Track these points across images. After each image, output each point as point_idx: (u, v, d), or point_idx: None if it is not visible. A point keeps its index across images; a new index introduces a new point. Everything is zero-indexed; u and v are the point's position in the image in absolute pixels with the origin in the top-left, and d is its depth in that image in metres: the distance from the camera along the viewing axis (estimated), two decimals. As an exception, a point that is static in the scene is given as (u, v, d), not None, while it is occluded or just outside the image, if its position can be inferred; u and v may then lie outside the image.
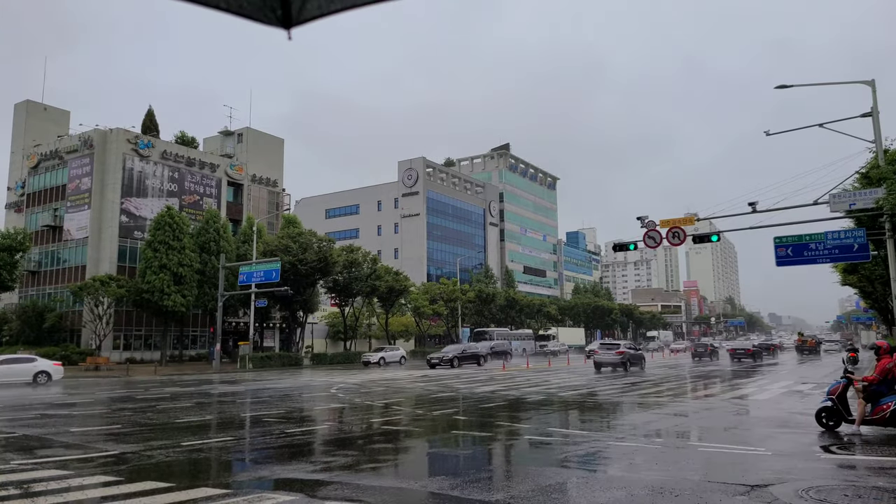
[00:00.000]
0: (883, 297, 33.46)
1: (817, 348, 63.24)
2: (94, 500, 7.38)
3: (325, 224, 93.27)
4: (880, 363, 11.96)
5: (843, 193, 22.49)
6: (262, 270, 41.35)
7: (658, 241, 25.07)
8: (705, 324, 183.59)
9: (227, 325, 54.04)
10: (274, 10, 1.21)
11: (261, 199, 63.89)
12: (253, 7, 1.20)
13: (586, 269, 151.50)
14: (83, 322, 48.48)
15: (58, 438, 11.96)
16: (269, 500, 7.28)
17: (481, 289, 75.78)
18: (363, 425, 14.49)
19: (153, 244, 45.61)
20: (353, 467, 9.20)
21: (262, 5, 1.20)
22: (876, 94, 23.21)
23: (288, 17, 1.22)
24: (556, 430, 13.17)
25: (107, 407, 17.52)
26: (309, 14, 1.23)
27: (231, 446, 11.25)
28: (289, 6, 1.21)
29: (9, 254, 40.47)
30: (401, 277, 58.69)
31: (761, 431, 12.69)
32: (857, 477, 8.44)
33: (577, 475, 8.69)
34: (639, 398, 20.09)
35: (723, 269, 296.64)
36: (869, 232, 23.21)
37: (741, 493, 7.35)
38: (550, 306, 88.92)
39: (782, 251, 24.28)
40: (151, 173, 54.09)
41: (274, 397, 20.90)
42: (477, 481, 8.17)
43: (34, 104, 61.00)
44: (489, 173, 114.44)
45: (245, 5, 1.20)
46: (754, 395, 21.26)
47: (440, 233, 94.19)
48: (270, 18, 1.22)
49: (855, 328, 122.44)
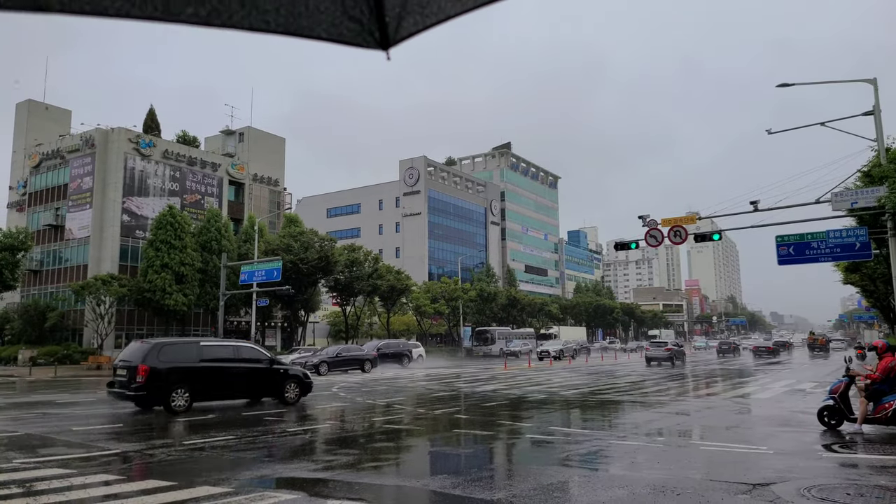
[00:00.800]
0: (885, 295, 33.39)
1: (827, 346, 67.53)
2: (97, 498, 7.39)
3: (326, 223, 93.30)
4: (883, 361, 11.94)
5: (845, 192, 22.44)
6: (264, 269, 41.30)
7: (660, 240, 25.06)
8: (707, 323, 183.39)
9: (229, 324, 54.05)
10: (372, 33, 1.25)
11: (262, 198, 63.90)
12: (352, 34, 1.25)
13: (588, 268, 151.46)
14: (85, 321, 48.53)
15: (60, 437, 11.97)
16: (271, 498, 7.28)
17: (483, 288, 75.75)
18: (365, 424, 14.50)
19: (155, 243, 45.63)
20: (354, 466, 9.20)
21: (361, 30, 1.25)
22: (878, 93, 23.15)
23: (385, 39, 1.26)
24: (558, 429, 13.17)
25: (108, 406, 17.53)
26: (406, 32, 1.27)
27: (232, 445, 11.25)
28: (385, 27, 1.25)
29: (11, 253, 40.52)
30: (402, 276, 58.71)
31: (763, 430, 12.68)
32: (860, 476, 8.43)
33: (578, 474, 8.68)
34: (640, 396, 20.08)
35: (724, 267, 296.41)
36: (871, 231, 23.16)
37: (743, 492, 7.34)
38: (552, 305, 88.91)
39: (784, 250, 24.24)
40: (153, 172, 54.11)
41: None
42: (479, 480, 8.16)
43: (36, 103, 61.05)
44: (490, 172, 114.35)
45: (345, 32, 1.24)
46: (756, 393, 21.25)
47: (441, 232, 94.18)
48: (369, 42, 1.26)
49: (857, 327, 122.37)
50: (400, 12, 1.25)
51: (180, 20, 1.11)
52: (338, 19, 1.23)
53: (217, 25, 1.16)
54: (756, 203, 23.21)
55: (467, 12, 1.25)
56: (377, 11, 1.25)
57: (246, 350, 18.15)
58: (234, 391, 17.43)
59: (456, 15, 1.25)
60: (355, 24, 1.24)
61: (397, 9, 1.25)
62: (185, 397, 15.86)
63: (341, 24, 1.24)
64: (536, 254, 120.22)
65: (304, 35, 1.23)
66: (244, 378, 17.31)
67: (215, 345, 17.61)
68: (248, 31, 1.18)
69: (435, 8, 1.24)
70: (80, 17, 1.08)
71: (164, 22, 1.11)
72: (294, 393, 17.99)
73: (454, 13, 1.25)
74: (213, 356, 16.77)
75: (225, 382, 16.89)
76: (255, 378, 17.49)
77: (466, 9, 1.24)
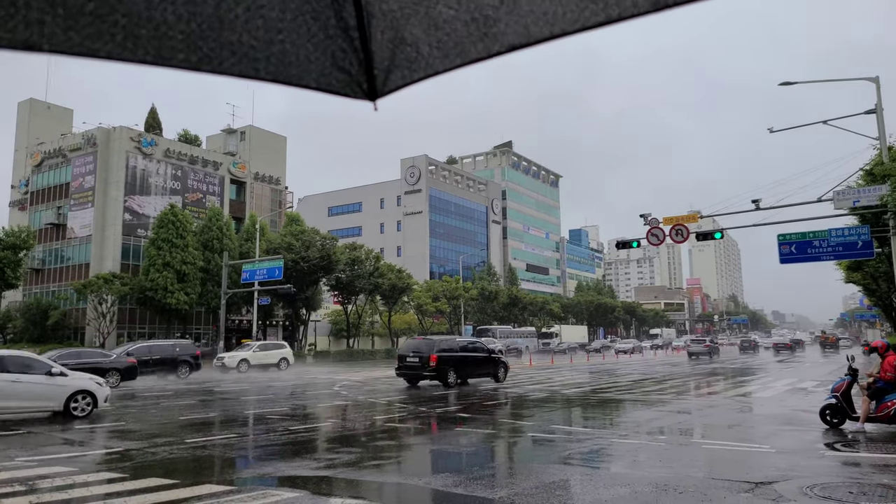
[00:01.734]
0: (887, 294, 33.37)
1: (837, 343, 73.48)
2: (99, 496, 7.39)
3: (327, 222, 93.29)
4: (886, 360, 11.93)
5: (847, 190, 22.41)
6: (265, 268, 41.37)
7: (661, 239, 25.05)
8: (708, 321, 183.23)
9: (231, 322, 54.12)
10: (360, 84, 1.28)
11: (263, 196, 63.92)
12: (341, 84, 1.28)
13: (589, 267, 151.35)
14: (87, 320, 48.60)
15: (62, 435, 11.99)
16: (274, 496, 7.28)
17: (484, 286, 75.73)
18: (366, 422, 14.51)
19: (156, 242, 45.67)
20: (356, 464, 9.21)
21: (350, 81, 1.28)
22: (880, 91, 23.12)
23: (373, 90, 1.29)
24: (559, 428, 13.17)
25: (110, 404, 17.55)
26: (393, 84, 1.29)
27: (235, 443, 11.27)
28: (374, 80, 1.28)
29: (13, 252, 40.56)
30: (403, 275, 58.69)
31: (765, 428, 12.67)
32: (862, 474, 8.42)
33: (580, 472, 8.68)
34: (641, 395, 20.08)
35: (726, 266, 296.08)
36: (873, 229, 23.14)
37: (745, 491, 7.34)
38: (553, 304, 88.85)
39: (786, 248, 24.23)
40: (154, 171, 54.15)
41: (277, 395, 20.94)
42: (480, 478, 8.16)
43: (37, 102, 61.10)
44: (492, 171, 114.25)
45: (334, 83, 1.27)
46: (758, 392, 21.23)
47: (443, 230, 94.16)
48: (357, 92, 1.29)
49: (859, 326, 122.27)
50: (388, 66, 1.27)
51: (171, 65, 1.12)
52: (327, 70, 1.26)
53: (207, 71, 1.17)
54: (758, 202, 23.19)
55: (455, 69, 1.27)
56: (366, 64, 1.28)
57: (478, 344, 26.13)
58: (475, 372, 24.49)
59: (444, 71, 1.28)
60: (344, 74, 1.27)
61: (386, 62, 1.27)
62: (454, 376, 23.02)
63: (330, 74, 1.26)
64: (538, 252, 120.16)
65: (293, 84, 1.25)
66: (479, 363, 24.64)
67: (464, 340, 26.54)
68: (238, 77, 1.20)
69: (423, 64, 1.26)
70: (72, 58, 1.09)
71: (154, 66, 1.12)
72: (503, 373, 25.10)
73: (442, 69, 1.27)
74: (462, 347, 24.62)
75: (469, 365, 24.08)
76: (485, 362, 24.82)
77: (454, 66, 1.26)
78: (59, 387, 14.21)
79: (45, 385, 13.99)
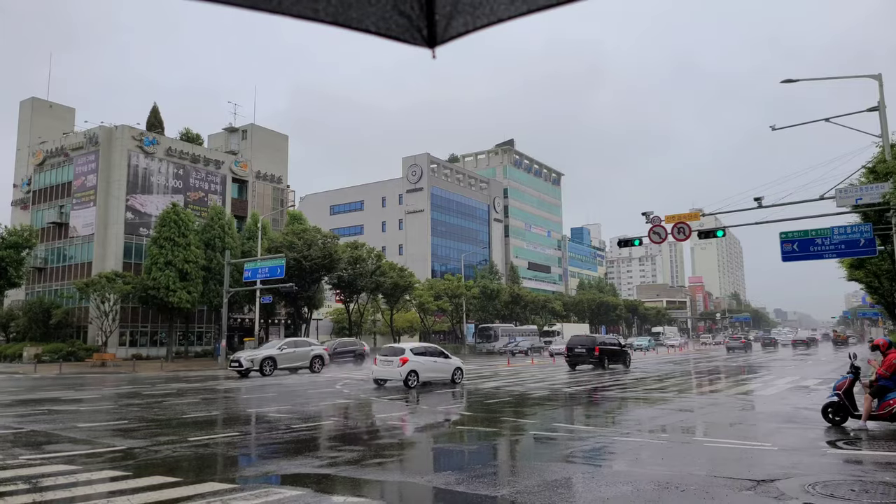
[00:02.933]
0: (890, 292, 33.29)
1: (847, 341, 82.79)
2: (102, 494, 7.41)
3: (329, 220, 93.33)
4: (887, 358, 11.92)
5: (850, 188, 22.36)
6: (267, 267, 41.39)
7: (663, 237, 25.04)
8: (711, 319, 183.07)
9: (233, 321, 54.18)
10: (420, 30, 1.25)
11: (265, 195, 63.94)
12: (400, 29, 1.24)
13: (591, 265, 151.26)
14: (89, 319, 48.67)
15: (65, 434, 12.02)
16: (276, 494, 7.30)
17: (486, 285, 75.70)
18: (368, 421, 14.53)
19: (158, 241, 45.71)
20: (358, 462, 9.22)
21: (409, 26, 1.24)
22: (883, 89, 23.06)
23: (433, 37, 1.26)
24: (561, 426, 13.18)
25: (114, 403, 17.60)
26: (455, 31, 1.26)
27: (237, 441, 11.29)
28: (434, 25, 1.24)
29: (15, 251, 40.63)
30: (405, 273, 58.72)
31: (767, 426, 12.67)
32: (864, 472, 8.42)
33: (582, 470, 8.69)
34: (643, 394, 20.08)
35: (728, 264, 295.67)
36: (875, 227, 23.10)
37: (747, 488, 7.34)
38: (555, 302, 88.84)
39: (788, 246, 24.19)
40: (156, 170, 54.18)
41: (280, 393, 20.96)
42: (482, 476, 8.17)
43: (39, 101, 61.14)
44: (493, 169, 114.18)
45: (393, 27, 1.24)
46: (760, 390, 21.22)
47: (444, 229, 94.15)
48: (416, 38, 1.26)
49: (861, 323, 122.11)
50: (451, 11, 1.24)
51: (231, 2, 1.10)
52: (387, 13, 1.22)
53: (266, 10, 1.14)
54: (760, 200, 23.17)
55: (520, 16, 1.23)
56: (428, 8, 1.24)
57: (617, 340, 36.24)
58: (610, 362, 33.25)
59: (508, 18, 1.24)
60: (404, 19, 1.24)
61: (448, 7, 1.23)
62: (606, 363, 32.84)
63: (390, 18, 1.23)
64: (539, 251, 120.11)
65: (351, 26, 1.22)
66: (617, 353, 34.01)
67: (607, 337, 37.06)
68: (295, 18, 1.16)
69: (487, 10, 1.22)
70: None
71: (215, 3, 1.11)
72: (629, 360, 34.97)
73: (506, 16, 1.23)
74: (609, 342, 34.87)
75: (611, 357, 33.21)
76: (616, 354, 33.97)
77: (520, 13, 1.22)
78: (449, 364, 23.28)
79: (443, 363, 23.16)
